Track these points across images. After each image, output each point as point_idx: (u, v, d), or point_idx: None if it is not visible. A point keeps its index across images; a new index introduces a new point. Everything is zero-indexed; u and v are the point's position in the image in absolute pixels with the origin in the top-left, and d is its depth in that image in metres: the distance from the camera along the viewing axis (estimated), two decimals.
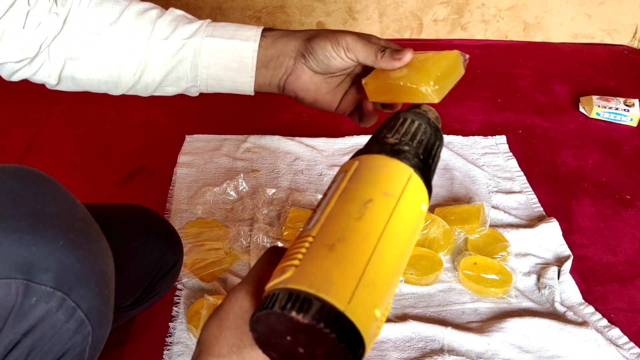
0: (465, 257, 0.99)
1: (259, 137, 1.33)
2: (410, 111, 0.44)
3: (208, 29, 0.63)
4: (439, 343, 0.87)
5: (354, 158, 0.41)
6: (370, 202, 0.36)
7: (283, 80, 0.63)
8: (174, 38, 0.62)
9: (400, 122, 0.42)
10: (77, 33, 0.62)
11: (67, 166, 1.25)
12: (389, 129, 0.42)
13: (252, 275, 0.40)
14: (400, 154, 0.39)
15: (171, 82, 0.65)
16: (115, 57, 0.63)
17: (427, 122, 0.43)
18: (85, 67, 0.63)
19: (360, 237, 0.34)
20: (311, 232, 0.35)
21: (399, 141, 0.40)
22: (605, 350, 0.86)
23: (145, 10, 0.64)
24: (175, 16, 0.64)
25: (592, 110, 1.48)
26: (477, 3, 1.85)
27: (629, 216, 1.16)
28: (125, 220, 0.76)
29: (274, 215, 1.11)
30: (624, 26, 1.89)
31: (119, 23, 0.62)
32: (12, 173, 0.47)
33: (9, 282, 0.43)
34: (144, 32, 0.62)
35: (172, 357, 0.85)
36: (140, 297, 0.80)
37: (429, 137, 0.42)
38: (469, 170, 1.26)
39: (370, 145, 0.41)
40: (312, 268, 0.33)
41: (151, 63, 0.63)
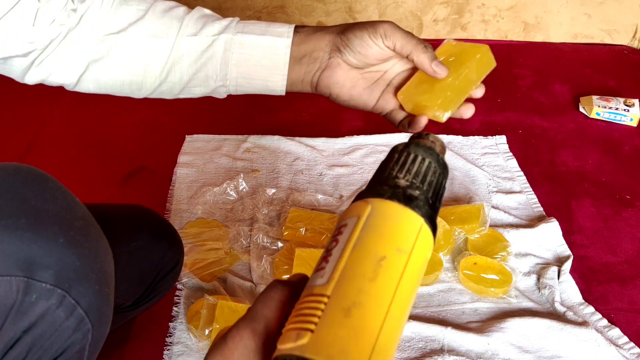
0: (465, 257, 0.99)
1: (259, 137, 1.34)
2: (420, 146, 0.43)
3: (239, 25, 0.61)
4: (439, 343, 0.87)
5: (364, 199, 0.40)
6: (384, 260, 0.36)
7: (317, 76, 0.61)
8: (203, 34, 0.60)
9: (411, 159, 0.42)
10: (98, 31, 0.60)
11: (67, 166, 1.25)
12: (400, 168, 0.41)
13: (257, 312, 0.39)
14: (412, 202, 0.39)
15: (199, 82, 0.63)
16: (141, 55, 0.61)
17: (437, 160, 0.42)
18: (109, 66, 0.61)
19: (375, 302, 0.35)
20: (326, 290, 0.36)
21: (410, 184, 0.40)
22: (605, 350, 0.86)
23: (171, 8, 0.62)
24: (203, 14, 0.62)
25: (592, 110, 1.48)
26: (477, 3, 1.85)
27: (629, 216, 1.16)
28: (125, 220, 0.76)
29: (274, 215, 1.11)
30: (624, 26, 1.89)
31: (144, 20, 0.60)
32: (12, 171, 0.47)
33: (10, 280, 0.43)
34: (172, 28, 0.60)
35: (172, 357, 0.85)
36: (141, 298, 0.79)
37: (438, 177, 0.42)
38: (469, 170, 1.26)
39: (381, 186, 0.40)
40: (329, 337, 0.34)
41: (179, 60, 0.61)
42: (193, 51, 0.61)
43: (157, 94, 0.65)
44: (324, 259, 0.38)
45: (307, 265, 0.94)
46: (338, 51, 0.59)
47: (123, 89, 0.64)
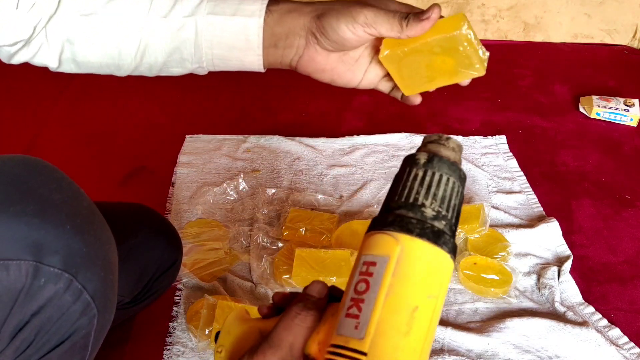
0: (465, 257, 0.99)
1: (259, 137, 1.34)
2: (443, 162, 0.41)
3: (209, 4, 0.59)
4: (439, 343, 0.87)
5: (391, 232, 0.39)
6: (416, 312, 0.37)
7: (295, 61, 0.59)
8: (173, 16, 0.59)
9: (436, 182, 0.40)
10: (72, 13, 0.59)
11: (67, 166, 1.24)
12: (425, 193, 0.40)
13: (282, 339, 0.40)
14: (440, 238, 0.39)
15: (176, 64, 0.62)
16: (113, 38, 0.60)
17: (459, 177, 0.41)
18: (83, 49, 0.61)
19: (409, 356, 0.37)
20: (363, 346, 0.36)
21: (437, 214, 0.39)
22: (605, 350, 0.86)
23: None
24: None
25: (592, 110, 1.48)
26: (477, 3, 1.85)
27: (629, 216, 1.16)
28: (124, 217, 0.76)
29: (274, 215, 1.11)
30: (624, 26, 1.89)
31: (114, 1, 0.59)
32: (19, 162, 0.48)
33: (19, 264, 0.44)
34: (142, 9, 0.59)
35: (172, 357, 0.85)
36: (140, 295, 0.80)
37: (460, 197, 0.41)
38: (468, 170, 1.26)
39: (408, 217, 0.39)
40: None
41: (152, 44, 0.60)
42: (165, 33, 0.59)
43: (138, 74, 0.64)
44: (355, 304, 0.38)
45: (307, 265, 0.94)
46: (314, 37, 0.57)
47: (102, 69, 0.63)
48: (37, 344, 0.47)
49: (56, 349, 0.47)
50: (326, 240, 1.03)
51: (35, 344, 0.47)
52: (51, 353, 0.47)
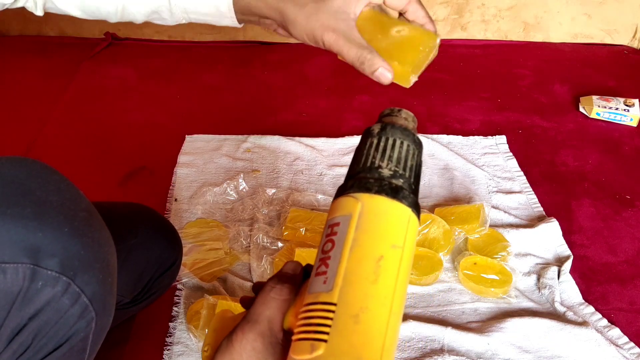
0: (465, 257, 0.99)
1: (259, 137, 1.34)
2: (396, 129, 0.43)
3: None
4: (439, 343, 0.87)
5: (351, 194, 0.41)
6: (382, 260, 0.38)
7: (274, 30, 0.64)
8: None
9: (390, 145, 0.43)
10: None
11: (67, 166, 1.24)
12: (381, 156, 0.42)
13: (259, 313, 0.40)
14: (399, 193, 0.40)
15: (158, 21, 0.67)
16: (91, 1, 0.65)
17: (414, 141, 0.44)
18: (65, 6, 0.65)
19: (379, 303, 0.37)
20: (332, 297, 0.37)
21: (394, 173, 0.41)
22: (605, 350, 0.86)
23: None
24: None
25: (592, 110, 1.48)
26: (477, 3, 1.85)
27: (629, 216, 1.16)
28: (124, 217, 0.76)
29: (274, 215, 1.11)
30: (624, 26, 1.89)
31: None
32: (17, 164, 0.48)
33: (17, 267, 0.44)
34: None
35: (172, 357, 0.85)
36: (140, 295, 0.80)
37: (417, 159, 0.44)
38: (469, 170, 1.26)
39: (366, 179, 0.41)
40: (343, 346, 0.35)
41: (128, 7, 0.65)
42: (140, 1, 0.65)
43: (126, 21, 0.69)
44: (323, 262, 0.39)
45: None
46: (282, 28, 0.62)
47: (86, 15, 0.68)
48: (34, 347, 0.47)
49: (54, 352, 0.47)
50: None
51: (32, 348, 0.46)
52: (49, 356, 0.47)
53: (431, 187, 1.21)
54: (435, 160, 1.29)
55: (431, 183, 1.22)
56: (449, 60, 1.75)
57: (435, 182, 1.23)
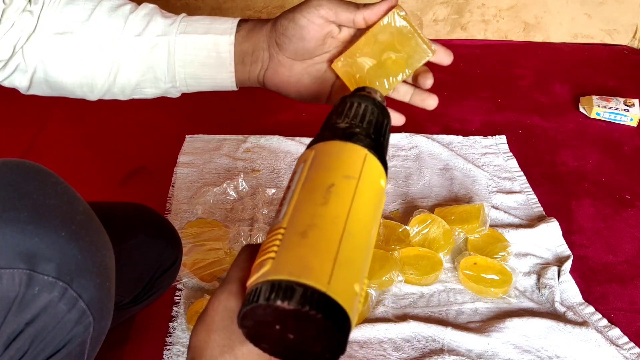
0: (465, 257, 0.99)
1: (259, 137, 1.33)
2: (355, 95, 0.45)
3: (182, 24, 0.60)
4: (439, 343, 0.87)
5: (309, 148, 0.42)
6: (332, 187, 0.38)
7: (262, 76, 0.60)
8: (146, 34, 0.59)
9: (348, 106, 0.44)
10: (48, 32, 0.59)
11: (67, 166, 1.25)
12: (337, 115, 0.44)
13: (231, 276, 0.41)
14: (352, 137, 0.41)
15: (149, 84, 0.62)
16: (87, 57, 0.60)
17: (373, 103, 0.44)
18: (57, 68, 0.60)
19: (329, 221, 0.36)
20: (281, 224, 0.37)
21: (350, 125, 0.42)
22: (605, 350, 0.86)
23: (118, 6, 0.61)
24: (148, 10, 0.61)
25: (592, 110, 1.48)
26: (477, 3, 1.85)
27: (629, 216, 1.16)
28: (124, 217, 0.76)
29: (274, 215, 1.10)
30: (624, 26, 1.89)
31: (90, 20, 0.59)
32: (13, 166, 0.47)
33: (12, 272, 0.43)
34: (116, 28, 0.59)
35: (172, 357, 0.85)
36: (140, 295, 0.80)
37: (377, 116, 0.44)
38: (469, 170, 1.26)
39: (322, 133, 0.43)
40: (289, 257, 0.35)
41: (125, 62, 0.60)
42: (138, 52, 0.59)
43: (110, 96, 0.64)
44: (280, 204, 0.39)
45: None
46: (276, 45, 0.57)
47: (75, 91, 0.63)
48: (31, 353, 0.46)
49: (51, 358, 0.47)
50: None
51: (29, 353, 0.46)
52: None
53: (431, 187, 1.21)
54: (435, 160, 1.29)
55: (431, 183, 1.22)
56: None
57: (435, 182, 1.23)
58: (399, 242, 1.02)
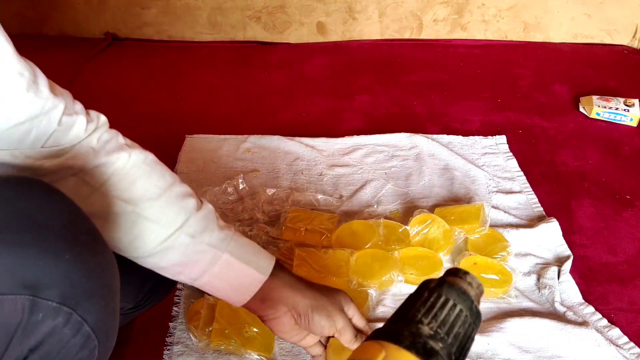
0: (465, 257, 0.99)
1: (259, 137, 1.33)
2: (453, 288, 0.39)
3: (232, 243, 0.64)
4: None
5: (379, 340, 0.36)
6: None
7: (267, 317, 0.68)
8: (199, 240, 0.62)
9: (440, 304, 0.38)
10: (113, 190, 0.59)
11: None
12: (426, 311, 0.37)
13: None
14: (432, 357, 0.35)
15: (172, 272, 0.64)
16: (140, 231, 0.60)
17: (470, 308, 0.38)
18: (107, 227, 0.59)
19: None
20: None
21: (434, 333, 0.36)
22: (605, 350, 0.86)
23: (185, 196, 0.64)
24: (207, 212, 0.65)
25: (592, 110, 1.48)
26: (477, 3, 1.85)
27: (629, 216, 1.16)
28: None
29: (274, 215, 1.11)
30: (624, 26, 1.89)
31: (157, 201, 0.61)
32: (15, 184, 0.46)
33: (15, 299, 0.42)
34: (177, 220, 0.61)
35: (172, 357, 0.85)
36: (143, 300, 0.79)
37: (467, 328, 0.38)
38: (469, 170, 1.26)
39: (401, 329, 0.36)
40: None
41: (168, 250, 0.61)
42: (185, 249, 0.62)
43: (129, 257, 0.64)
44: None
45: (307, 266, 0.94)
46: (298, 315, 0.67)
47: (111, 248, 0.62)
48: None
49: None
50: (326, 240, 1.03)
51: None
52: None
53: (431, 187, 1.21)
54: (435, 160, 1.29)
55: (431, 183, 1.22)
56: (449, 60, 1.75)
57: (435, 182, 1.23)
58: (399, 242, 1.02)
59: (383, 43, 1.88)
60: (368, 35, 1.91)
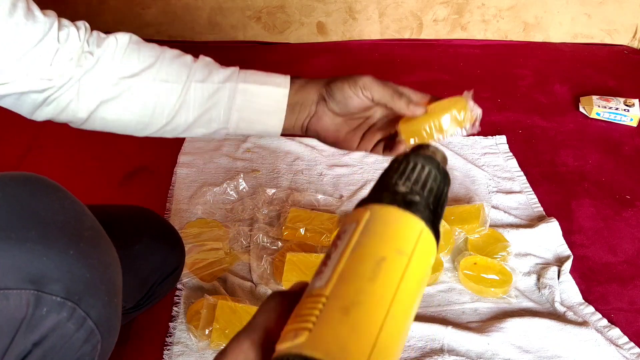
0: (465, 257, 0.99)
1: (259, 137, 1.33)
2: (420, 155, 0.43)
3: (241, 75, 0.66)
4: (439, 343, 0.87)
5: (364, 206, 0.40)
6: (383, 261, 0.36)
7: (306, 122, 0.67)
8: (209, 81, 0.65)
9: (411, 167, 0.42)
10: (112, 74, 0.62)
11: (67, 166, 1.25)
12: (399, 175, 0.41)
13: (257, 323, 0.39)
14: (412, 206, 0.39)
15: (202, 124, 0.66)
16: (152, 97, 0.64)
17: (437, 167, 0.42)
18: (119, 107, 0.64)
19: (374, 301, 0.35)
20: (324, 290, 0.35)
21: (410, 190, 0.40)
22: (605, 350, 0.86)
23: (179, 55, 0.66)
24: (207, 62, 0.67)
25: (592, 110, 1.48)
26: (477, 3, 1.85)
27: (629, 216, 1.16)
28: (127, 223, 0.76)
29: (274, 215, 1.11)
30: (624, 26, 1.89)
31: (156, 65, 0.64)
32: (20, 182, 0.47)
33: (20, 293, 0.43)
34: (182, 74, 0.64)
35: (172, 357, 0.85)
36: (142, 300, 0.79)
37: (439, 184, 0.42)
38: (469, 170, 1.26)
39: (380, 193, 0.40)
40: (327, 334, 0.33)
41: (186, 104, 0.65)
42: (200, 96, 0.65)
43: (160, 134, 0.68)
44: (324, 264, 0.37)
45: (298, 270, 0.94)
46: (324, 100, 0.65)
47: (128, 128, 0.67)
48: None
49: None
50: (326, 240, 1.03)
51: None
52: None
53: None
54: None
55: None
56: (449, 60, 1.75)
57: None
58: None
59: (383, 43, 1.88)
60: (368, 35, 1.91)
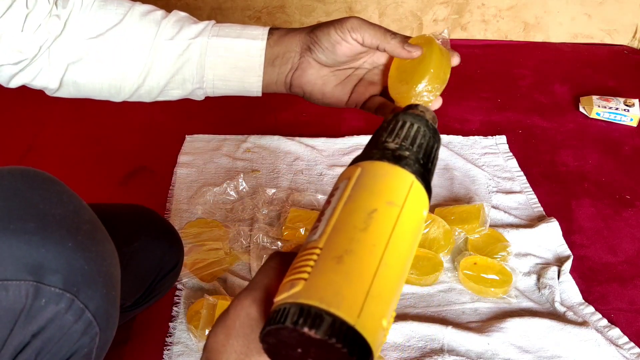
0: (465, 257, 0.99)
1: (259, 137, 1.33)
2: (408, 113, 0.44)
3: (214, 29, 0.61)
4: (439, 343, 0.87)
5: (355, 164, 0.41)
6: (374, 212, 0.36)
7: (290, 76, 0.62)
8: (179, 38, 0.61)
9: (400, 125, 0.43)
10: (78, 35, 0.60)
11: (67, 166, 1.25)
12: (389, 133, 0.42)
13: (257, 282, 0.40)
14: (401, 160, 0.40)
15: (177, 85, 0.64)
16: (119, 59, 0.61)
17: (426, 125, 0.43)
18: (88, 69, 0.62)
19: (367, 249, 0.35)
20: (318, 243, 0.36)
21: (400, 146, 0.41)
22: (605, 350, 0.86)
23: (149, 12, 0.63)
24: (179, 17, 0.63)
25: (592, 110, 1.48)
26: (477, 3, 1.85)
27: (629, 216, 1.16)
28: (126, 220, 0.76)
29: (274, 215, 1.11)
30: (624, 26, 1.89)
31: (122, 24, 0.61)
32: (19, 175, 0.47)
33: (19, 284, 0.43)
34: (149, 32, 0.61)
35: (172, 357, 0.85)
36: (141, 298, 0.79)
37: (428, 140, 0.43)
38: (469, 170, 1.26)
39: (371, 151, 0.41)
40: (322, 282, 0.34)
41: (156, 64, 0.62)
42: (170, 55, 0.61)
43: (136, 97, 0.66)
44: (318, 220, 0.38)
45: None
46: (308, 50, 0.60)
47: (102, 92, 0.65)
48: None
49: None
50: None
51: None
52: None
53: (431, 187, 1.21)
54: None
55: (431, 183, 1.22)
56: None
57: (435, 182, 1.23)
58: None
59: None
60: None
